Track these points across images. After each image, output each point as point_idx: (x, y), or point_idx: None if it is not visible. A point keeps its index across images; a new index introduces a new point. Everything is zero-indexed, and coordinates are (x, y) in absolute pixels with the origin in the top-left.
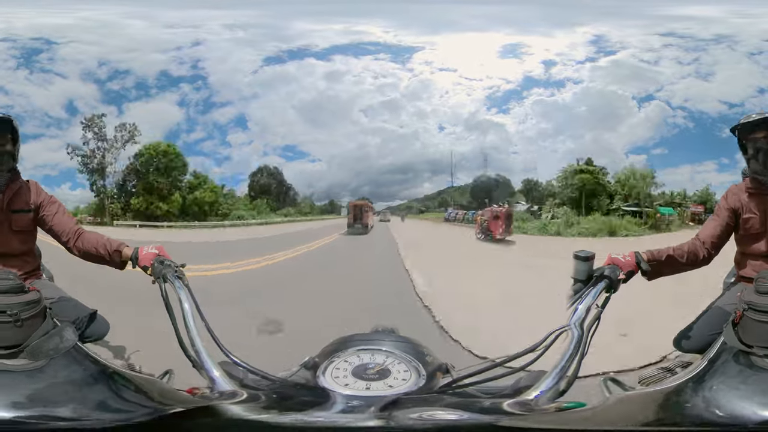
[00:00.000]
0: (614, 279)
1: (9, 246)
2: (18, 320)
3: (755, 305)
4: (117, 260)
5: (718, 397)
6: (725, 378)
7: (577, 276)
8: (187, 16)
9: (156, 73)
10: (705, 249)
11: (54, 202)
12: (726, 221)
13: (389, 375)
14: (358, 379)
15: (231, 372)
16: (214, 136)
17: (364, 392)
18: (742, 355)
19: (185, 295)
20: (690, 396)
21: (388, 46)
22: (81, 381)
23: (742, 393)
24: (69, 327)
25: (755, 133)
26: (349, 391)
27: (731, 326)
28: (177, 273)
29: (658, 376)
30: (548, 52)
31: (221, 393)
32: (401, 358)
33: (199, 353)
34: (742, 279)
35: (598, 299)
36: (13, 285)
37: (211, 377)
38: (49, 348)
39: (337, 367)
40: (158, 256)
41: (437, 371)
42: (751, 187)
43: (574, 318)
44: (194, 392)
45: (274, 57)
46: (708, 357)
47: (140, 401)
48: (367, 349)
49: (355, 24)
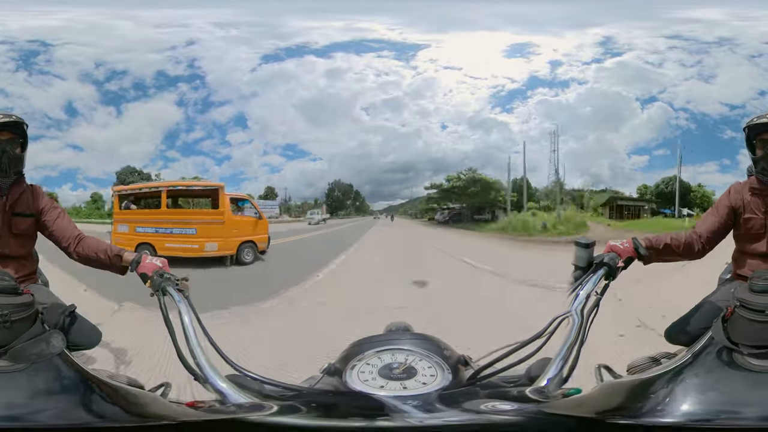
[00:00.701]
0: (613, 266)
1: (7, 248)
2: (7, 321)
3: (747, 303)
4: (117, 264)
5: (696, 391)
6: (706, 373)
7: (578, 263)
8: (178, 14)
9: (152, 73)
10: (701, 243)
11: (55, 207)
12: (725, 218)
13: (417, 373)
14: (389, 380)
15: (242, 384)
16: (214, 136)
17: (402, 392)
18: (726, 351)
19: (185, 307)
20: (670, 388)
21: (392, 43)
22: (58, 387)
23: (719, 389)
24: (57, 334)
25: (766, 133)
26: (386, 392)
27: (720, 322)
28: (178, 286)
29: (645, 365)
30: (556, 52)
31: (240, 406)
32: (421, 355)
33: (202, 367)
34: (738, 277)
35: (598, 286)
36: (7, 286)
37: (219, 390)
38: (32, 352)
39: (362, 371)
40: (159, 269)
41: (458, 364)
42: (755, 187)
43: (575, 304)
44: (198, 406)
45: (272, 54)
46: (693, 351)
47: (117, 410)
48: (386, 349)
49: (357, 21)
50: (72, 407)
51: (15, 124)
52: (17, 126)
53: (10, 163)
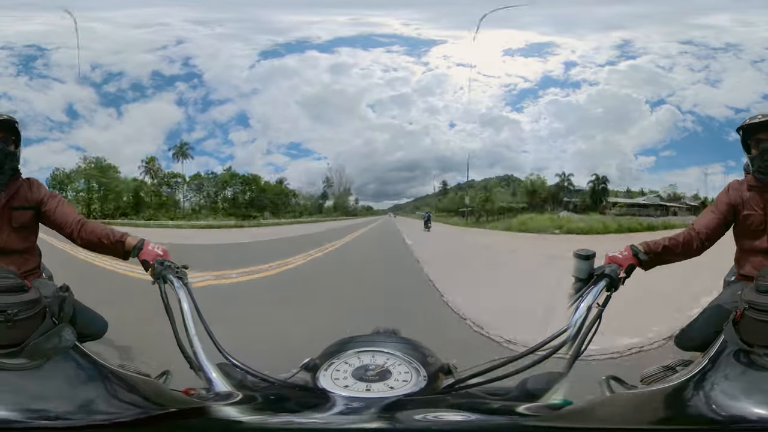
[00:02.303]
0: (615, 277)
1: (9, 243)
2: (17, 320)
3: (755, 304)
4: (120, 250)
5: (719, 396)
6: (726, 377)
7: (578, 275)
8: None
9: (148, 73)
10: (699, 240)
11: (55, 196)
12: (724, 215)
13: (390, 376)
14: (358, 381)
15: (229, 373)
16: (216, 135)
17: (364, 393)
18: (742, 353)
19: (185, 296)
20: (692, 395)
21: (404, 38)
22: (77, 380)
23: (742, 392)
24: (68, 327)
25: (759, 133)
26: (349, 392)
27: (732, 325)
28: (178, 274)
29: (660, 374)
30: (573, 54)
31: (217, 394)
32: (402, 359)
33: (197, 354)
34: (742, 278)
35: (599, 298)
36: (13, 284)
37: (209, 378)
38: (47, 348)
39: (337, 369)
40: (160, 257)
41: (439, 372)
42: (753, 185)
43: (575, 317)
44: (190, 393)
45: (270, 50)
46: (709, 356)
47: (134, 401)
48: (367, 350)
49: (365, 15)
50: (92, 401)
51: (5, 122)
52: (8, 124)
53: (5, 160)
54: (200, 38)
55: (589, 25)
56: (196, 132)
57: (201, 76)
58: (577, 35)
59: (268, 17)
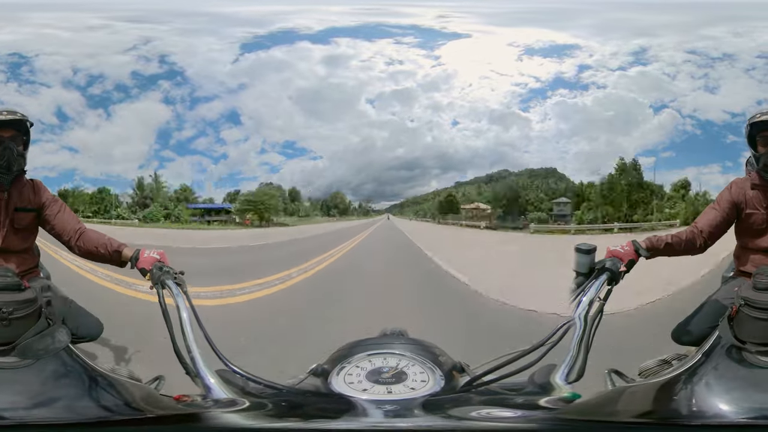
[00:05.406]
0: (615, 271)
1: (9, 243)
2: (11, 318)
3: (751, 301)
4: (117, 260)
5: (711, 391)
6: (718, 372)
7: (579, 269)
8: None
9: (127, 74)
10: (702, 238)
11: (56, 201)
12: (727, 213)
13: (406, 378)
14: (375, 384)
15: (229, 380)
16: (207, 133)
17: (386, 396)
18: (735, 350)
19: (183, 301)
20: (684, 389)
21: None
22: (65, 381)
23: (733, 388)
24: (62, 328)
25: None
26: (369, 395)
27: (727, 321)
28: (176, 279)
29: (656, 368)
30: (590, 57)
31: (216, 401)
32: (414, 360)
33: (195, 360)
34: (741, 274)
35: (600, 292)
36: (11, 282)
37: (207, 385)
38: (39, 348)
39: (349, 373)
40: (158, 262)
41: (453, 370)
42: (756, 183)
43: (578, 311)
44: (183, 399)
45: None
46: (702, 350)
47: (120, 404)
48: (378, 353)
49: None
50: (78, 402)
51: (19, 122)
52: (20, 124)
53: (13, 160)
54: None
55: (619, 30)
56: (186, 130)
57: (183, 73)
58: (604, 39)
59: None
